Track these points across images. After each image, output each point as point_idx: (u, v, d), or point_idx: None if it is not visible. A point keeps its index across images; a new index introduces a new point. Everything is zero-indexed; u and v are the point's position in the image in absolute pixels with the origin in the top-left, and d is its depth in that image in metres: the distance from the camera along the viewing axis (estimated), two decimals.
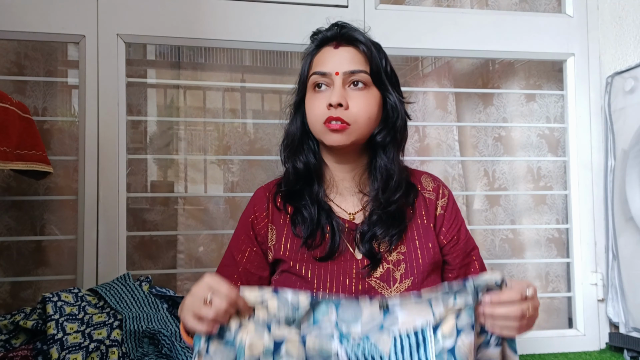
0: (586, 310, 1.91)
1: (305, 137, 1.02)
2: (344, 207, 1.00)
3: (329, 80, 0.95)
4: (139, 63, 2.16)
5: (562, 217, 2.05)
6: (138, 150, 2.04)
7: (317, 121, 0.95)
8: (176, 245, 2.00)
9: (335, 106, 0.93)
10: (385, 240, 0.95)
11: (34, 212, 1.81)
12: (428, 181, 1.06)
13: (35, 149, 1.43)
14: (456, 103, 2.15)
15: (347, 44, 0.97)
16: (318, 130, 0.96)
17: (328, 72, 0.95)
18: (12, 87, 1.81)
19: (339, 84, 0.94)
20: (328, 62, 0.96)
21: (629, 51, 1.86)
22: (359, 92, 0.95)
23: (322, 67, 0.96)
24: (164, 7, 1.72)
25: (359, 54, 0.97)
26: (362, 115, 0.94)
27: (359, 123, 0.94)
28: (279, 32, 1.79)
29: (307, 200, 0.97)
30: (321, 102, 0.95)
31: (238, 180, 2.07)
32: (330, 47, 0.97)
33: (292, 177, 1.00)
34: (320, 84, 0.96)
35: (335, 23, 1.00)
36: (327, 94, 0.95)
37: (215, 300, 0.73)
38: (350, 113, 0.93)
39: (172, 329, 1.33)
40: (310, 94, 0.98)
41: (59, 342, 1.16)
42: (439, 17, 1.91)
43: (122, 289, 1.42)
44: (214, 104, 2.24)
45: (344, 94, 0.94)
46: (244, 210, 1.05)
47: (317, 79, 0.96)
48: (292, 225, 0.98)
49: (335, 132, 0.93)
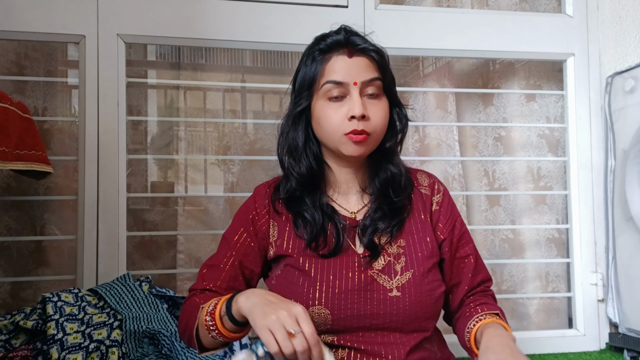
0: (586, 310, 1.91)
1: (309, 143, 1.01)
2: (346, 207, 1.02)
3: (345, 90, 0.94)
4: (139, 63, 2.16)
5: (562, 217, 2.05)
6: (138, 151, 2.04)
7: (335, 132, 0.94)
8: (176, 246, 2.00)
9: (359, 118, 0.92)
10: (387, 232, 0.97)
11: (34, 212, 1.81)
12: (423, 177, 1.07)
13: (35, 149, 1.43)
14: (456, 103, 2.15)
15: (361, 53, 0.96)
16: (336, 141, 0.95)
17: (345, 82, 0.94)
18: (12, 87, 1.81)
19: (356, 94, 0.93)
20: (343, 71, 0.94)
21: (629, 51, 1.86)
22: (375, 101, 0.96)
23: (338, 76, 0.94)
24: (164, 8, 1.72)
25: (372, 62, 0.96)
26: (380, 124, 0.96)
27: (377, 132, 0.96)
28: (279, 33, 1.79)
29: (309, 205, 0.98)
30: (339, 113, 0.94)
31: (238, 181, 2.07)
32: (343, 56, 0.95)
33: (296, 183, 1.00)
34: (337, 96, 0.94)
35: (343, 27, 0.99)
36: (345, 104, 0.94)
37: (298, 339, 0.77)
38: (371, 124, 0.94)
39: (172, 329, 1.33)
40: (323, 102, 0.96)
41: (59, 342, 1.17)
42: (439, 17, 1.91)
43: (122, 289, 1.42)
44: (214, 104, 2.24)
45: (364, 105, 0.94)
46: (242, 206, 1.05)
47: (332, 88, 0.94)
48: (295, 227, 0.99)
49: (357, 143, 0.94)
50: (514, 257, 2.07)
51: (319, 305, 0.92)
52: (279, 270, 0.99)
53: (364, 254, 0.96)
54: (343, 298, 0.92)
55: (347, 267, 0.95)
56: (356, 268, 0.95)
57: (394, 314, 0.92)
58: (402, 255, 0.97)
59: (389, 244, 0.97)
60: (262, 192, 1.04)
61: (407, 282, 0.94)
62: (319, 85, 0.96)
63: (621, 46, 1.90)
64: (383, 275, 0.95)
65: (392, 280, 0.94)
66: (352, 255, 0.96)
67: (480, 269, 1.06)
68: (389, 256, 0.96)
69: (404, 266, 0.95)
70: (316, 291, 0.93)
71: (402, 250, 0.97)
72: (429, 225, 1.01)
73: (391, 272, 0.95)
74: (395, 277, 0.94)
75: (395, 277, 0.94)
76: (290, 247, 0.98)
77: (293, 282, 0.95)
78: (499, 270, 2.07)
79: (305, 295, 0.93)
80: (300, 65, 1.01)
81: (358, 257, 0.96)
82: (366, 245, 0.96)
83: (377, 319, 0.92)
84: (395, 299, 0.92)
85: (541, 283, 2.03)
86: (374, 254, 0.95)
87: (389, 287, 0.94)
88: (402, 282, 0.94)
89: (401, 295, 0.93)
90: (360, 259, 0.96)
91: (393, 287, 0.94)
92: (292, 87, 1.03)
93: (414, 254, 0.97)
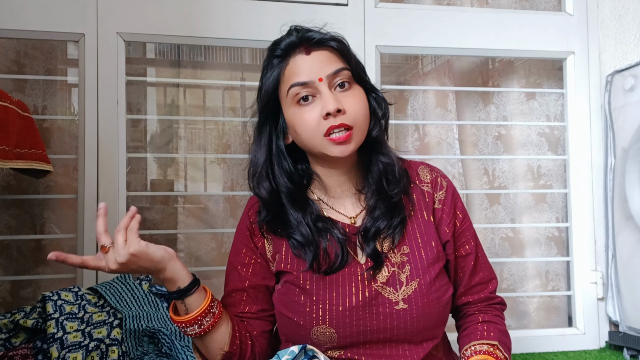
0: (586, 309, 1.91)
1: (277, 159, 0.95)
2: (344, 212, 0.97)
3: (313, 89, 0.89)
4: (138, 61, 2.16)
5: (562, 216, 2.05)
6: (138, 149, 2.04)
7: (314, 136, 0.89)
8: (176, 244, 2.00)
9: (334, 113, 0.87)
10: (389, 234, 0.93)
11: (33, 210, 1.81)
12: (425, 172, 1.01)
13: (35, 147, 1.43)
14: (456, 101, 2.15)
15: (318, 46, 0.90)
16: (318, 145, 0.89)
17: (309, 81, 0.88)
18: (11, 85, 1.81)
19: (326, 89, 0.88)
20: (304, 71, 0.89)
21: (629, 49, 1.86)
22: (347, 92, 0.90)
23: (300, 77, 0.89)
24: (163, 6, 1.72)
25: (333, 53, 0.91)
26: (360, 114, 0.90)
27: (359, 124, 0.90)
28: (279, 31, 1.77)
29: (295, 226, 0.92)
30: (313, 114, 0.88)
31: (238, 179, 2.07)
32: (301, 55, 0.90)
33: (264, 206, 0.95)
34: (306, 97, 0.89)
35: (292, 27, 0.94)
36: (317, 103, 0.89)
37: None
38: (349, 116, 0.88)
39: (172, 328, 1.33)
40: (294, 109, 0.90)
41: (59, 341, 1.17)
42: (438, 15, 1.91)
43: (122, 287, 1.42)
44: (213, 102, 2.24)
45: (337, 98, 0.88)
46: (239, 221, 1.02)
47: (299, 90, 0.88)
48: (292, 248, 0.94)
49: (341, 144, 0.88)
50: (513, 255, 2.07)
51: (323, 324, 0.89)
52: (280, 285, 0.96)
53: (366, 265, 0.92)
54: (348, 315, 0.89)
55: (350, 282, 0.91)
56: (359, 282, 0.91)
57: (402, 327, 0.89)
58: (406, 263, 0.92)
59: (392, 252, 0.93)
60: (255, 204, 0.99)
61: (414, 293, 0.90)
62: (284, 93, 0.91)
63: (621, 44, 1.89)
64: (388, 287, 0.90)
65: (397, 292, 0.90)
66: (354, 267, 0.92)
67: (480, 268, 1.01)
68: (393, 266, 0.92)
69: (409, 275, 0.91)
70: (319, 310, 0.89)
71: (407, 258, 0.93)
72: (432, 226, 0.96)
73: (396, 283, 0.91)
74: (400, 289, 0.90)
75: (401, 289, 0.90)
76: (289, 265, 0.94)
77: (294, 301, 0.92)
78: (499, 268, 2.07)
79: (308, 314, 0.90)
80: (260, 80, 0.96)
81: (361, 268, 0.92)
82: (369, 254, 0.92)
83: (384, 332, 0.89)
84: (402, 311, 0.89)
85: (541, 281, 2.04)
86: (377, 264, 0.91)
87: (395, 299, 0.90)
88: (408, 293, 0.90)
89: (408, 307, 0.89)
90: (364, 272, 0.91)
91: (399, 299, 0.89)
92: (258, 105, 0.98)
93: (418, 261, 0.93)
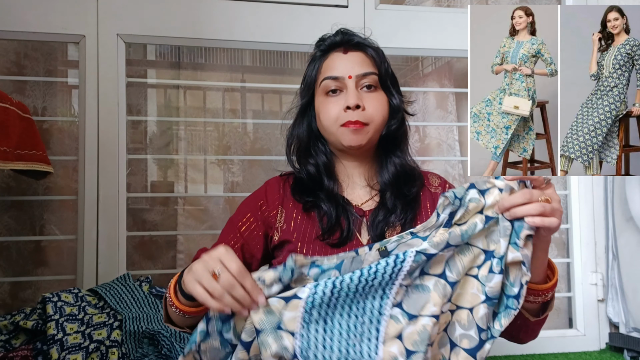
0: (586, 310, 1.91)
1: (314, 140, 1.05)
2: (353, 199, 1.03)
3: (342, 84, 0.99)
4: (139, 63, 2.16)
5: (563, 217, 2.05)
6: (138, 150, 2.04)
7: (334, 124, 0.99)
8: (176, 246, 2.00)
9: (353, 108, 0.96)
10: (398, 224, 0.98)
11: (33, 212, 1.81)
12: (434, 178, 1.10)
13: (35, 148, 1.43)
14: (456, 103, 2.15)
15: (356, 49, 1.02)
16: (335, 132, 0.99)
17: (340, 76, 0.99)
18: (12, 87, 1.81)
19: (352, 87, 0.98)
20: (339, 67, 1.00)
21: None
22: (371, 94, 1.00)
23: (334, 72, 1.00)
24: (164, 7, 1.72)
25: (367, 58, 1.01)
26: (377, 115, 0.99)
27: (375, 123, 0.99)
28: (279, 32, 1.79)
29: (324, 198, 1.00)
30: (336, 106, 0.99)
31: (238, 180, 2.07)
32: (339, 53, 1.01)
33: (306, 178, 1.03)
34: (335, 90, 1.00)
35: (340, 29, 1.04)
36: (342, 97, 0.99)
37: (223, 276, 0.73)
38: (367, 114, 0.98)
39: (171, 330, 1.33)
40: (322, 98, 1.01)
41: (59, 343, 1.16)
42: (439, 17, 1.91)
43: (122, 289, 1.42)
44: (214, 104, 2.24)
45: (359, 96, 0.98)
46: (251, 194, 1.07)
47: (330, 83, 1.00)
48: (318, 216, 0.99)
49: (354, 132, 0.97)
50: None
51: None
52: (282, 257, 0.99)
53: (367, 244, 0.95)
54: None
55: None
56: None
57: None
58: None
59: None
60: (275, 184, 1.06)
61: None
62: (318, 82, 1.02)
63: None
64: None
65: None
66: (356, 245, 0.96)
67: None
68: None
69: None
70: None
71: None
72: None
73: None
74: None
75: None
76: (295, 235, 0.99)
77: None
78: None
79: None
80: (307, 68, 1.07)
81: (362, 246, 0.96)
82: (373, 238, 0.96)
83: None
84: None
85: None
86: None
87: None
88: None
89: None
90: None
91: None
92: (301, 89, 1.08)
93: None
